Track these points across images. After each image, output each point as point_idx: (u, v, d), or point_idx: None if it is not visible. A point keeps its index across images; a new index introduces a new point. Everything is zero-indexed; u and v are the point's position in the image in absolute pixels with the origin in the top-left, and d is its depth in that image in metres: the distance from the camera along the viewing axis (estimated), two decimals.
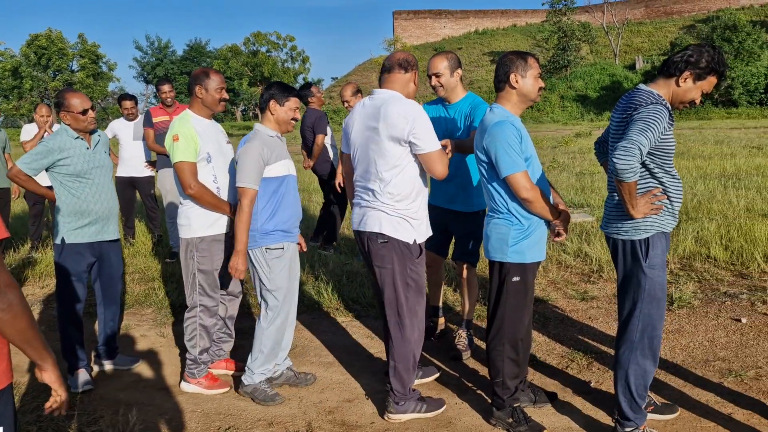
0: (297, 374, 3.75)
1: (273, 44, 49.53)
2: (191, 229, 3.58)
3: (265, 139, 3.46)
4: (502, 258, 3.04)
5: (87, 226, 3.73)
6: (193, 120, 3.56)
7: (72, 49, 47.83)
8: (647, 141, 2.61)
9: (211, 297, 3.65)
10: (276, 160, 3.45)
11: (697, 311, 4.65)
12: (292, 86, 3.61)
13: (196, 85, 3.59)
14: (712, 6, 48.52)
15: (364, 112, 3.19)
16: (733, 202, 8.10)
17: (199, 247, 3.58)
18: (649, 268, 2.83)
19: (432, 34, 53.87)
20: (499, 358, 3.11)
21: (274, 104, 3.50)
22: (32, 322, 1.67)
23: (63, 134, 3.67)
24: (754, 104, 32.42)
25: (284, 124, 3.55)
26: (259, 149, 3.37)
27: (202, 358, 3.69)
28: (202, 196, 3.49)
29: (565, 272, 5.80)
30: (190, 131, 3.49)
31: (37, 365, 1.76)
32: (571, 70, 41.73)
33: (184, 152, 3.46)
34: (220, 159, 3.62)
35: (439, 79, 3.81)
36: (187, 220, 3.59)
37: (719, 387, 3.49)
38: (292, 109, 3.53)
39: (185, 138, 3.46)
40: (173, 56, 59.33)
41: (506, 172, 2.89)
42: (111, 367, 4.04)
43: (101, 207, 3.76)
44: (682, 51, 2.82)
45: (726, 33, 33.64)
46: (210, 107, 3.63)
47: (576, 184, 10.60)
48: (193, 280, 3.62)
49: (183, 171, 3.47)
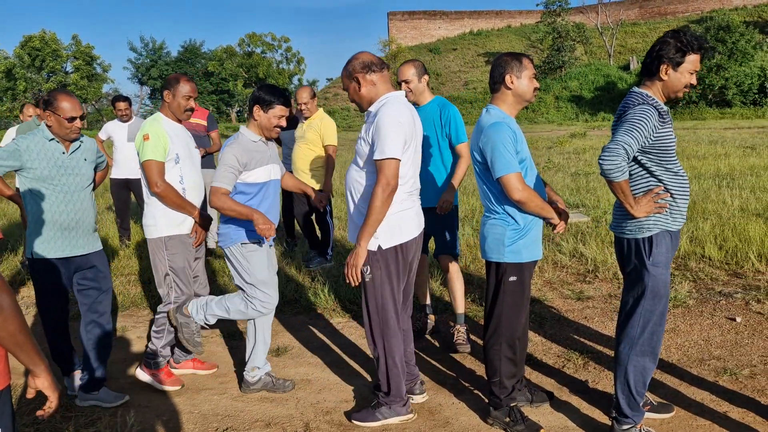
0: (275, 380, 3.71)
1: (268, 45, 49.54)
2: (158, 228, 3.60)
3: (246, 144, 3.42)
4: (499, 258, 3.05)
5: (54, 239, 3.38)
6: (164, 122, 3.61)
7: (66, 50, 47.70)
8: (634, 141, 2.67)
9: (186, 293, 3.69)
10: (256, 166, 3.41)
11: (692, 310, 4.68)
12: (281, 90, 3.50)
13: (165, 89, 3.63)
14: (705, 6, 48.71)
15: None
16: (728, 202, 8.15)
17: (168, 245, 3.60)
18: (652, 266, 2.85)
19: (427, 35, 53.88)
20: (497, 358, 3.13)
21: (258, 109, 3.44)
22: (23, 327, 1.65)
23: (38, 134, 3.39)
24: (747, 104, 32.52)
25: (267, 130, 3.47)
26: (237, 153, 3.34)
27: (163, 352, 3.75)
28: (167, 194, 3.52)
29: (561, 272, 5.82)
30: (161, 131, 3.53)
31: (30, 371, 1.75)
32: (565, 71, 41.81)
33: (153, 151, 3.49)
34: (188, 161, 3.65)
35: (408, 85, 4.12)
36: (154, 219, 3.60)
37: (714, 386, 3.51)
38: (276, 117, 3.44)
39: (155, 137, 3.50)
40: (168, 57, 59.15)
41: (500, 173, 2.91)
42: (88, 404, 3.54)
43: (68, 218, 3.39)
44: (651, 49, 2.87)
45: (719, 33, 33.74)
46: (175, 113, 3.64)
47: (571, 185, 10.64)
48: (166, 278, 3.64)
49: (151, 169, 3.50)
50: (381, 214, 2.92)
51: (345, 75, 3.10)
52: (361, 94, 3.07)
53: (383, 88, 3.07)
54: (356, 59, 3.07)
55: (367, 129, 3.01)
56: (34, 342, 1.70)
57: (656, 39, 2.93)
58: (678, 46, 2.78)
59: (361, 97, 3.08)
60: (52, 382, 1.78)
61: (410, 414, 3.28)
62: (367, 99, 3.07)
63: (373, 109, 3.04)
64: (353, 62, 3.07)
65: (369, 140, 2.97)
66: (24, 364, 1.71)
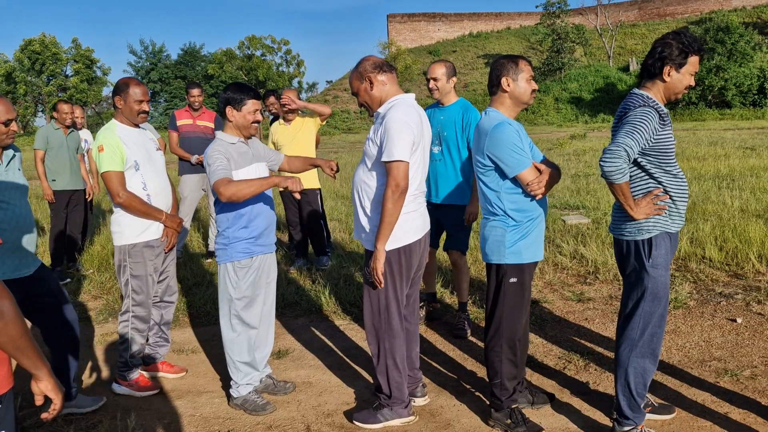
0: (276, 382, 3.71)
1: (268, 48, 49.63)
2: (123, 236, 3.58)
3: (225, 147, 3.32)
4: (500, 260, 3.06)
5: (2, 260, 3.05)
6: (118, 129, 3.57)
7: (66, 53, 47.80)
8: (634, 143, 2.67)
9: (143, 304, 3.66)
10: (239, 167, 3.32)
11: (692, 312, 4.68)
12: (249, 86, 3.40)
13: (116, 95, 3.59)
14: (704, 8, 48.74)
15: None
16: (728, 203, 8.15)
17: (131, 253, 3.58)
18: (652, 268, 2.86)
19: (426, 37, 53.92)
20: (497, 359, 3.13)
21: (230, 110, 3.35)
22: (25, 331, 1.66)
23: None
24: (747, 105, 32.55)
25: (245, 129, 3.38)
26: (218, 151, 3.27)
27: (133, 361, 3.72)
28: (131, 204, 3.49)
29: (561, 274, 5.82)
30: (115, 140, 3.49)
31: (32, 375, 1.75)
32: (565, 72, 41.84)
33: (109, 162, 3.46)
34: (149, 166, 3.62)
35: (436, 83, 4.33)
36: (119, 227, 3.58)
37: (715, 387, 3.51)
38: (251, 112, 3.34)
39: (110, 147, 3.47)
40: (167, 60, 59.18)
41: (515, 171, 2.94)
42: (68, 411, 3.46)
43: (17, 236, 3.09)
44: (652, 50, 2.87)
45: (719, 35, 33.77)
46: (129, 118, 3.61)
47: (571, 186, 10.64)
48: (125, 286, 3.63)
49: (110, 180, 3.46)
50: (394, 216, 2.95)
51: (356, 76, 3.13)
52: (372, 94, 3.09)
53: (393, 89, 3.10)
54: (367, 60, 3.12)
55: (376, 129, 3.03)
56: (35, 346, 1.71)
57: (655, 40, 2.94)
58: (680, 47, 2.79)
59: (372, 97, 3.10)
60: (55, 385, 1.78)
61: (411, 416, 3.28)
62: (377, 99, 3.09)
63: (382, 111, 3.06)
64: (364, 63, 3.11)
65: (377, 141, 2.99)
66: (26, 368, 1.72)
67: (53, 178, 6.33)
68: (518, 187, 3.01)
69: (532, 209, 3.05)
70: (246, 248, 3.42)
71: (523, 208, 3.02)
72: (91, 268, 6.68)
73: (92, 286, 6.05)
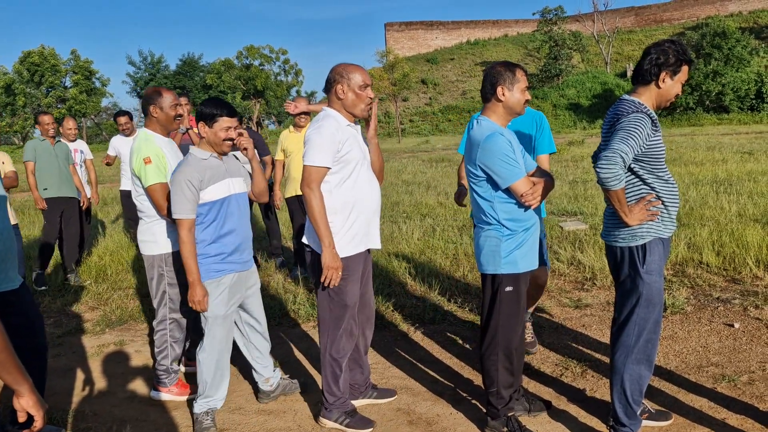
0: (290, 381, 3.80)
1: (266, 57, 49.74)
2: (158, 245, 3.56)
3: (196, 163, 3.22)
4: (495, 270, 3.05)
5: None
6: (156, 139, 3.57)
7: (65, 65, 47.93)
8: (629, 149, 2.67)
9: (177, 309, 3.69)
10: (210, 183, 3.22)
11: (690, 317, 4.67)
12: (224, 102, 3.28)
13: (150, 105, 3.59)
14: (701, 13, 48.95)
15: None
16: (725, 208, 8.15)
17: (169, 262, 3.58)
18: (646, 274, 2.85)
19: (424, 45, 54.13)
20: (494, 368, 3.12)
21: (203, 126, 3.25)
22: (6, 346, 1.63)
23: None
24: (744, 110, 32.65)
25: (217, 145, 3.26)
26: (186, 176, 3.16)
27: (173, 367, 3.76)
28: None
29: (558, 280, 5.82)
30: (158, 151, 3.49)
31: (14, 390, 1.72)
32: (562, 79, 41.98)
33: (156, 174, 3.44)
34: None
35: None
36: (153, 236, 3.55)
37: (713, 392, 3.50)
38: (223, 129, 3.22)
39: (156, 158, 3.45)
40: (166, 71, 59.40)
41: (508, 183, 2.92)
42: None
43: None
44: (647, 57, 2.88)
45: (716, 40, 33.92)
46: (166, 125, 3.62)
47: (569, 192, 10.65)
48: (162, 296, 3.63)
49: (157, 193, 3.45)
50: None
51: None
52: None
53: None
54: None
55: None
56: (17, 361, 1.68)
57: (648, 46, 2.94)
58: (676, 55, 2.80)
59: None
60: (37, 401, 1.74)
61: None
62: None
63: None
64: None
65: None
66: (7, 383, 1.69)
67: (44, 186, 6.43)
68: (511, 197, 3.00)
69: (526, 218, 3.04)
70: (214, 266, 3.29)
71: (518, 218, 3.02)
72: (89, 278, 6.68)
73: (89, 297, 6.05)
